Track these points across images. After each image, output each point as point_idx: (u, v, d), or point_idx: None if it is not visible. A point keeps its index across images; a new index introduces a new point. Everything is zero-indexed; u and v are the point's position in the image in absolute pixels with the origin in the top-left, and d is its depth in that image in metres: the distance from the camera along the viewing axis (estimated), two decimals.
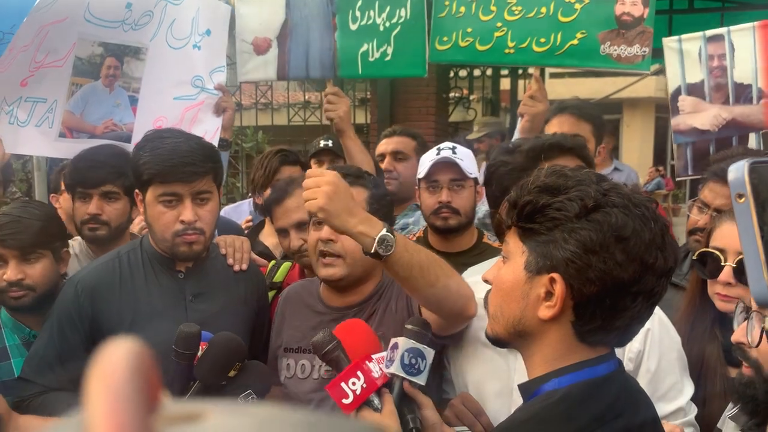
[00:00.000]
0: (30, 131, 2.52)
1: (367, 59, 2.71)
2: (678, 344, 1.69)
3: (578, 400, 1.07)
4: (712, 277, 1.80)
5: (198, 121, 2.74)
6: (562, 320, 1.07)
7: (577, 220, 1.04)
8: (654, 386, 1.58)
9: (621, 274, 1.03)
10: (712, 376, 1.76)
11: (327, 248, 1.77)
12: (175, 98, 2.73)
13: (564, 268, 1.04)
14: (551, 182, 1.08)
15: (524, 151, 1.75)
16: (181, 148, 1.83)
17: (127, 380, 0.27)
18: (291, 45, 2.72)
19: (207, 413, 0.29)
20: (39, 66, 2.50)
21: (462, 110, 7.15)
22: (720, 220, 1.86)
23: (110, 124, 2.64)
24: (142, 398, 0.27)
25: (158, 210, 1.84)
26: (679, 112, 2.90)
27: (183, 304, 1.89)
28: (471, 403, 1.61)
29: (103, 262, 1.96)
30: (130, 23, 2.62)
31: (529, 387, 1.13)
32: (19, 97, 2.49)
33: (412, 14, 2.67)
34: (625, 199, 1.06)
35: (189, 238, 1.84)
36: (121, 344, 0.28)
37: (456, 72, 7.04)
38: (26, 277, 2.00)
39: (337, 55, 2.73)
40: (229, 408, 0.31)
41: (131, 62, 2.67)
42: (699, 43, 2.89)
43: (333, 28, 2.70)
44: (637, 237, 1.03)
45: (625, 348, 1.59)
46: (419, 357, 1.49)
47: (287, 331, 1.90)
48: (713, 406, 1.69)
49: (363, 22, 2.69)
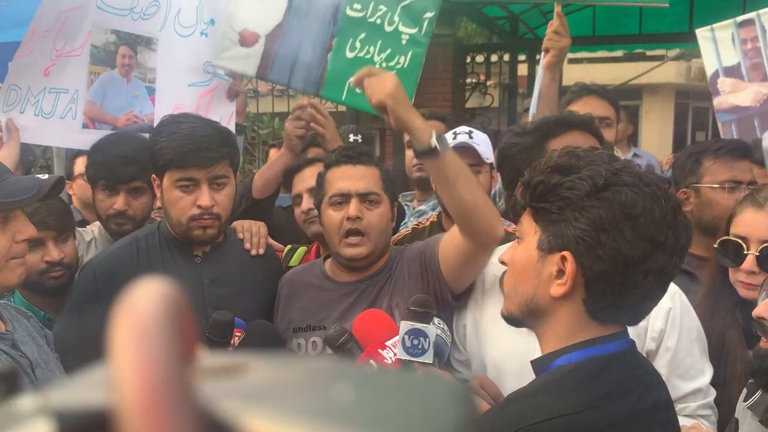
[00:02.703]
0: (55, 123, 2.58)
1: (354, 90, 2.70)
2: (698, 325, 1.69)
3: (587, 375, 1.09)
4: (735, 265, 1.79)
5: (213, 106, 2.78)
6: (574, 298, 1.09)
7: (587, 198, 1.05)
8: (674, 364, 1.59)
9: (631, 251, 1.03)
10: (733, 360, 1.75)
11: (355, 225, 1.79)
12: (189, 85, 2.78)
13: (574, 246, 1.06)
14: (563, 162, 1.10)
15: (532, 130, 1.75)
16: (198, 133, 1.83)
17: (159, 325, 0.23)
18: (279, 48, 2.68)
19: (249, 366, 0.27)
20: (60, 54, 2.55)
21: (479, 96, 7.10)
22: (741, 207, 1.83)
23: (131, 116, 2.69)
24: (176, 346, 0.23)
25: (175, 195, 1.85)
26: (720, 93, 2.91)
27: (200, 288, 1.90)
28: (489, 385, 1.61)
29: (121, 246, 1.97)
30: (138, 12, 2.68)
31: (541, 362, 1.15)
32: (43, 88, 2.55)
33: (410, 66, 2.69)
34: (636, 178, 1.07)
35: (205, 222, 1.85)
36: (152, 284, 0.25)
37: (473, 57, 6.98)
38: (65, 256, 2.09)
39: (325, 75, 2.70)
40: (273, 360, 0.27)
41: (144, 52, 2.74)
42: (731, 30, 2.94)
43: (328, 48, 2.68)
44: (647, 215, 1.04)
45: (647, 327, 1.60)
46: (421, 336, 1.50)
47: (294, 312, 1.91)
48: (733, 389, 1.68)
49: (360, 54, 2.68)
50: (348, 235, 1.81)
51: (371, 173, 1.86)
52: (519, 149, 1.73)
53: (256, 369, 0.26)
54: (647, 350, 1.60)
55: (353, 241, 1.80)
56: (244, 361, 0.27)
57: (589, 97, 2.91)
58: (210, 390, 0.24)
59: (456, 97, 6.75)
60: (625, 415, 1.07)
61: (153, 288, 0.24)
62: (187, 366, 0.24)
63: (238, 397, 0.24)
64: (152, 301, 0.23)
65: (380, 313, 1.69)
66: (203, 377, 0.25)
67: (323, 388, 0.25)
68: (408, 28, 2.72)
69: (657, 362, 1.56)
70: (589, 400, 1.06)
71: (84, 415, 0.24)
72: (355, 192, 1.82)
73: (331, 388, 0.24)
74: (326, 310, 1.86)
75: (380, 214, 1.83)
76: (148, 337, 0.23)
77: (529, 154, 1.65)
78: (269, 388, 0.25)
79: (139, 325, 0.23)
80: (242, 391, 0.25)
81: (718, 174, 2.20)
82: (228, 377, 0.26)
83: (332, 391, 0.24)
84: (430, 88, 6.63)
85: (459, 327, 1.82)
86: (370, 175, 1.85)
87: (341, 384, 0.25)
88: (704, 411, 1.63)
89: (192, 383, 0.23)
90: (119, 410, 0.22)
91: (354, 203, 1.81)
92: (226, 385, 0.25)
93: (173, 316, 0.23)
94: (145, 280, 0.25)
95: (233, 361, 0.27)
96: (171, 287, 0.24)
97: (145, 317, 0.23)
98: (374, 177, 1.86)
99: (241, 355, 0.27)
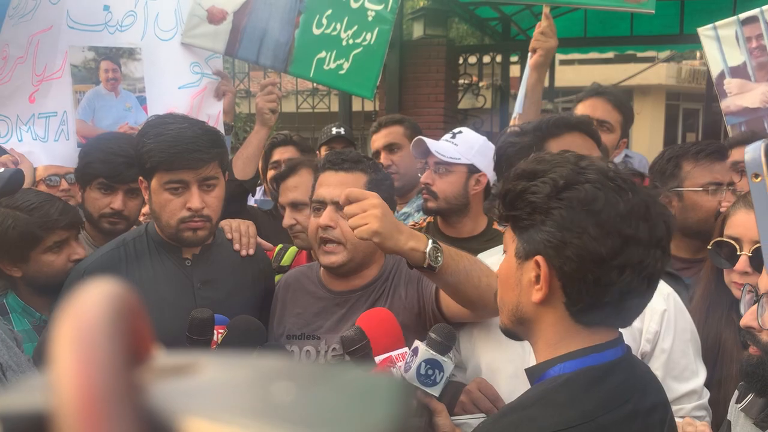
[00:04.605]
0: (51, 146, 2.61)
1: (322, 66, 2.71)
2: (692, 327, 1.69)
3: (582, 387, 1.07)
4: (729, 266, 1.79)
5: (203, 106, 2.78)
6: (555, 302, 1.08)
7: (549, 200, 1.04)
8: (669, 366, 1.59)
9: (598, 248, 1.02)
10: (728, 361, 1.76)
11: (327, 235, 1.77)
12: (179, 87, 2.78)
13: (544, 249, 1.05)
14: (529, 168, 1.10)
15: (530, 130, 1.75)
16: (186, 134, 1.80)
17: (101, 327, 0.23)
18: (247, 25, 2.69)
19: (200, 365, 0.27)
20: (41, 79, 2.58)
21: (471, 97, 7.10)
22: (734, 209, 1.84)
23: (127, 129, 2.68)
24: (121, 348, 0.23)
25: (164, 197, 1.82)
26: (727, 95, 2.89)
27: (191, 291, 1.88)
28: (487, 389, 1.60)
29: (109, 249, 1.94)
30: (114, 25, 2.69)
31: (535, 371, 1.14)
32: (31, 114, 2.58)
33: (376, 41, 2.70)
34: (600, 174, 1.05)
35: (195, 224, 1.83)
36: (100, 285, 0.24)
37: (465, 58, 6.99)
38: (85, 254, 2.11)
39: (293, 52, 2.71)
40: (225, 359, 0.28)
41: (129, 63, 2.75)
42: (734, 27, 2.89)
43: (295, 25, 2.68)
44: (610, 209, 1.02)
45: (643, 329, 1.60)
46: (437, 368, 1.45)
47: (289, 318, 1.89)
48: (728, 389, 1.68)
49: (327, 31, 2.69)
50: (323, 243, 1.78)
51: (353, 180, 1.79)
52: (517, 149, 1.73)
53: (206, 368, 0.27)
54: (642, 352, 1.60)
55: (329, 249, 1.78)
56: (194, 360, 0.27)
57: (595, 99, 2.91)
58: (158, 390, 0.24)
59: (448, 98, 6.76)
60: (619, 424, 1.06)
61: (99, 290, 0.24)
62: (132, 367, 0.24)
63: (183, 396, 0.24)
64: (96, 304, 0.24)
65: (385, 312, 1.65)
66: (154, 377, 0.25)
67: (266, 387, 0.25)
68: (374, 4, 2.72)
69: (652, 364, 1.56)
70: (584, 413, 1.04)
71: (25, 417, 0.24)
72: (329, 200, 1.78)
73: (273, 387, 0.25)
74: (320, 320, 1.83)
75: None
76: (89, 339, 0.23)
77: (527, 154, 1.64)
78: (215, 388, 0.26)
79: (81, 328, 0.23)
80: (188, 390, 0.25)
81: (699, 177, 2.19)
82: (178, 377, 0.26)
83: (273, 390, 0.25)
84: (423, 89, 6.63)
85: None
86: (351, 182, 1.78)
87: (283, 383, 0.25)
88: (699, 412, 1.63)
89: (135, 384, 0.23)
90: (59, 413, 0.22)
91: (327, 211, 1.77)
92: (174, 384, 0.25)
93: (120, 317, 0.23)
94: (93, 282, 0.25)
95: (184, 360, 0.27)
96: (121, 288, 0.25)
97: (87, 320, 0.23)
98: (355, 185, 1.77)
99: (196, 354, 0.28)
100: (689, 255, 2.20)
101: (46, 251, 2.02)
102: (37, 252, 2.01)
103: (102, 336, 0.23)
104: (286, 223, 2.29)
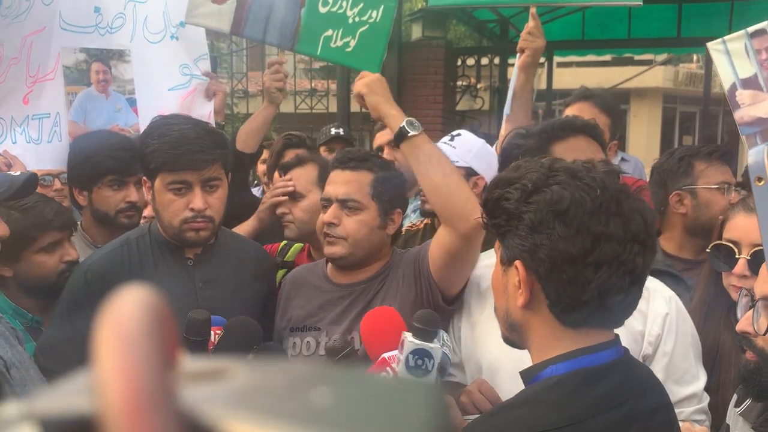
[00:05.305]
0: (45, 148, 2.61)
1: (329, 44, 2.72)
2: (693, 331, 1.69)
3: (572, 388, 1.07)
4: (728, 269, 1.80)
5: (193, 107, 2.80)
6: (539, 306, 1.09)
7: (519, 204, 1.06)
8: (670, 369, 1.60)
9: (568, 247, 1.02)
10: (727, 364, 1.76)
11: (330, 231, 1.84)
12: (169, 89, 2.80)
13: (520, 253, 1.07)
14: (505, 176, 1.12)
15: (536, 133, 1.76)
16: (190, 135, 1.81)
17: (142, 331, 0.23)
18: (252, 4, 2.68)
19: (232, 370, 0.27)
20: (35, 80, 2.59)
21: (469, 99, 7.12)
22: (733, 212, 1.84)
23: (117, 130, 2.70)
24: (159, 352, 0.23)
25: (168, 198, 1.82)
26: (740, 106, 2.91)
27: (193, 291, 1.88)
28: (488, 390, 1.60)
29: (112, 249, 1.94)
30: (104, 27, 2.71)
31: (529, 373, 1.14)
32: (26, 116, 2.58)
33: (382, 19, 2.71)
34: (569, 175, 1.06)
35: (197, 225, 1.84)
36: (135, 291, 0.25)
37: (464, 60, 7.00)
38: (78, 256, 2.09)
39: (300, 31, 2.71)
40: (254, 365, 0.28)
41: (119, 65, 2.77)
42: (743, 41, 2.93)
43: (301, 3, 2.69)
44: (577, 207, 1.03)
45: (645, 332, 1.60)
46: (426, 357, 1.43)
47: (293, 311, 1.92)
48: (726, 393, 1.69)
49: (333, 9, 2.69)
50: (327, 237, 1.87)
51: (358, 179, 1.85)
52: (522, 151, 1.73)
53: (238, 373, 0.27)
54: (644, 355, 1.60)
55: (330, 240, 1.85)
56: (225, 365, 0.27)
57: (582, 103, 2.92)
58: (192, 395, 0.25)
59: (447, 100, 6.77)
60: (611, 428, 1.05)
61: (136, 294, 0.25)
62: (170, 371, 0.24)
63: (219, 401, 0.25)
64: (135, 308, 0.24)
65: (389, 310, 1.65)
66: (185, 382, 0.25)
67: (303, 392, 0.25)
68: None
69: (654, 367, 1.56)
70: (572, 414, 1.04)
71: (68, 420, 0.24)
72: (335, 197, 1.85)
73: (311, 392, 0.25)
74: (322, 312, 1.87)
75: (359, 221, 1.83)
76: (132, 343, 0.23)
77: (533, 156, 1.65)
78: (250, 393, 0.26)
79: (123, 332, 0.23)
80: (223, 395, 0.25)
81: (713, 176, 2.24)
82: (209, 382, 0.26)
83: (311, 395, 0.25)
84: (421, 91, 6.63)
85: (454, 330, 1.81)
86: (356, 180, 1.85)
87: (320, 388, 0.25)
88: (698, 416, 1.64)
89: (174, 389, 0.24)
90: (103, 416, 0.22)
91: (332, 209, 1.85)
92: (207, 389, 0.26)
93: (156, 322, 0.24)
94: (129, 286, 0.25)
95: (215, 365, 0.27)
96: (154, 293, 0.25)
97: (129, 323, 0.23)
98: (360, 183, 1.84)
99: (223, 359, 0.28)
100: (692, 256, 2.21)
101: (39, 251, 2.01)
102: (29, 252, 2.00)
103: (143, 340, 0.23)
104: (279, 211, 2.32)
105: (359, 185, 1.84)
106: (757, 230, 1.74)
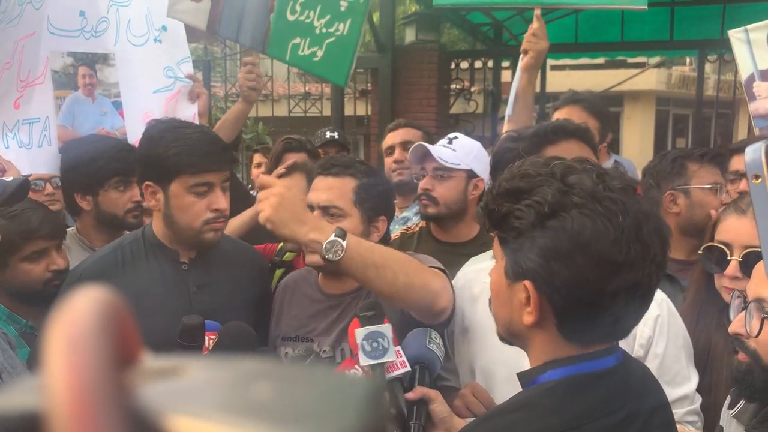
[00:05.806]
0: (35, 152, 2.63)
1: (297, 51, 2.76)
2: (684, 332, 1.70)
3: (566, 394, 1.06)
4: (719, 271, 1.81)
5: (178, 110, 2.83)
6: (547, 325, 1.05)
7: (534, 228, 1.01)
8: (661, 371, 1.60)
9: (588, 277, 0.98)
10: (719, 365, 1.77)
11: None
12: (154, 92, 2.82)
13: (532, 276, 1.02)
14: (512, 186, 1.06)
15: (528, 136, 1.75)
16: (206, 138, 1.84)
17: (92, 331, 0.24)
18: (225, 5, 2.72)
19: (185, 367, 0.28)
20: (25, 85, 2.62)
21: (463, 102, 7.13)
22: (725, 214, 1.86)
23: (104, 134, 2.72)
24: (109, 351, 0.24)
25: (188, 200, 1.81)
26: (756, 98, 2.90)
27: (187, 295, 1.88)
28: (481, 393, 1.60)
29: (105, 253, 1.94)
30: (89, 31, 2.74)
31: (527, 376, 1.13)
32: (17, 121, 2.61)
33: (349, 32, 2.72)
34: (588, 197, 1.00)
35: (218, 225, 1.85)
36: (88, 292, 0.26)
37: (457, 63, 7.01)
38: (67, 264, 2.09)
39: (269, 35, 2.75)
40: (209, 362, 0.29)
41: (104, 69, 2.80)
42: (766, 31, 2.89)
43: (270, 9, 2.71)
44: (599, 238, 0.98)
45: (636, 334, 1.60)
46: (378, 338, 1.50)
47: (285, 320, 1.91)
48: (719, 394, 1.69)
49: (301, 18, 2.72)
50: None
51: (340, 185, 1.82)
52: (515, 155, 1.73)
53: (191, 370, 0.28)
54: (635, 357, 1.60)
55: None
56: (181, 363, 0.28)
57: (571, 107, 2.94)
58: (145, 391, 0.26)
59: (440, 104, 6.78)
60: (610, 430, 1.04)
61: (90, 295, 0.26)
62: (120, 370, 0.25)
63: (168, 396, 0.26)
64: (87, 308, 0.25)
65: None
66: (142, 379, 0.26)
67: (246, 386, 0.27)
68: None
69: None
70: (567, 420, 1.02)
71: (19, 417, 0.25)
72: (317, 204, 1.82)
73: (252, 387, 0.26)
74: (314, 322, 1.86)
75: None
76: (78, 343, 0.24)
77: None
78: (198, 388, 0.27)
79: (70, 332, 0.24)
80: (174, 391, 0.26)
81: (706, 177, 2.28)
82: (164, 378, 0.27)
83: (252, 389, 0.26)
84: (415, 94, 6.65)
85: (447, 334, 1.81)
86: (338, 187, 1.81)
87: (262, 382, 0.27)
88: (691, 417, 1.64)
89: (124, 386, 0.25)
90: (50, 414, 0.23)
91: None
92: (160, 386, 0.27)
93: (107, 323, 0.25)
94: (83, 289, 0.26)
95: (171, 363, 0.28)
96: (109, 295, 0.26)
97: (78, 323, 0.24)
98: (342, 190, 1.81)
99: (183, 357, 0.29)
100: (686, 257, 2.23)
101: (24, 260, 2.00)
102: (15, 259, 1.99)
103: (91, 340, 0.24)
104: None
105: (341, 192, 1.81)
106: (749, 232, 1.76)
